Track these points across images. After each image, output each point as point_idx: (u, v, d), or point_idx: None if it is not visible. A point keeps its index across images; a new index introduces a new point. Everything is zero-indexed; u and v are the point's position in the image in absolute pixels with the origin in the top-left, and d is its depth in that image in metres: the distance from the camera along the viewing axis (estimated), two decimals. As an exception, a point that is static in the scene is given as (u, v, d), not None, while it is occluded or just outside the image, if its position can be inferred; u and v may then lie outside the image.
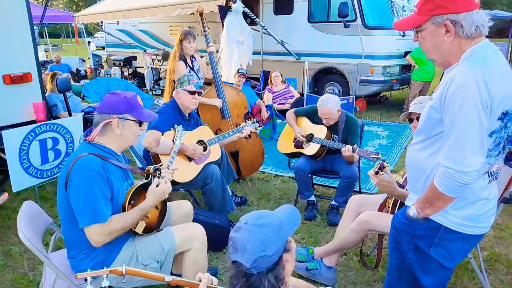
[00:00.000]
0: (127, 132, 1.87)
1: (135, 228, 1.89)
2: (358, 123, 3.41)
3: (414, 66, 7.40)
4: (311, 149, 3.38)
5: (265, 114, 5.66)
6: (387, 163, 1.99)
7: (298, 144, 3.51)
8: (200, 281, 1.32)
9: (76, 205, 1.72)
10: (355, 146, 3.01)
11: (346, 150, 3.02)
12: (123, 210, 1.86)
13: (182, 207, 2.37)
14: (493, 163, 1.47)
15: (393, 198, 2.29)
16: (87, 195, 1.70)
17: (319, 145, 3.31)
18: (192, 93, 3.00)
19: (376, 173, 1.96)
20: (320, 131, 3.38)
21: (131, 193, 1.88)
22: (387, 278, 1.77)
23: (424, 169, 1.52)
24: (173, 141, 2.23)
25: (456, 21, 1.36)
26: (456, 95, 1.33)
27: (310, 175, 3.46)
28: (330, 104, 3.22)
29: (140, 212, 1.85)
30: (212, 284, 1.32)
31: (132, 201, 1.88)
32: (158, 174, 2.05)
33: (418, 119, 2.22)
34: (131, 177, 2.05)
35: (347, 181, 3.26)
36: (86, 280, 1.34)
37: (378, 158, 2.83)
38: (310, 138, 3.43)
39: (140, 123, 1.91)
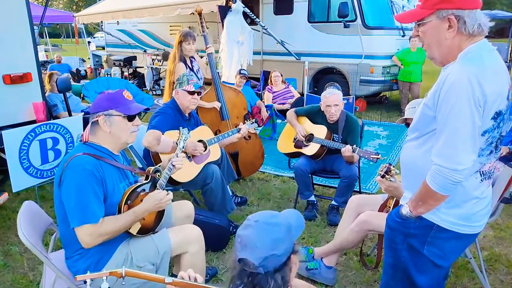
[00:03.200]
0: (116, 128, 1.84)
1: (129, 228, 1.87)
2: (358, 122, 3.41)
3: (400, 67, 7.46)
4: (311, 149, 3.38)
5: (264, 113, 5.66)
6: (393, 166, 1.98)
7: (298, 144, 3.51)
8: (196, 281, 1.32)
9: (68, 204, 1.71)
10: (354, 146, 3.01)
11: (346, 150, 3.02)
12: (119, 210, 1.84)
13: (184, 208, 2.34)
14: (485, 162, 1.47)
15: (395, 199, 2.29)
16: (79, 195, 1.69)
17: (319, 145, 3.31)
18: (192, 93, 3.00)
19: (382, 176, 1.96)
20: (320, 131, 3.38)
21: (128, 193, 1.86)
22: (383, 278, 1.78)
23: (418, 166, 1.52)
24: (176, 143, 2.24)
25: (460, 17, 1.37)
26: (450, 94, 1.33)
27: (310, 175, 3.46)
28: (336, 92, 3.30)
29: (133, 216, 1.83)
30: (196, 282, 1.33)
31: (129, 201, 1.86)
32: (158, 175, 2.03)
33: None
34: (131, 177, 2.03)
35: (347, 181, 3.26)
36: (85, 282, 1.33)
37: (378, 158, 2.84)
38: (310, 138, 3.43)
39: (129, 118, 1.86)
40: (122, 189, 1.90)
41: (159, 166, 2.14)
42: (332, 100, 3.27)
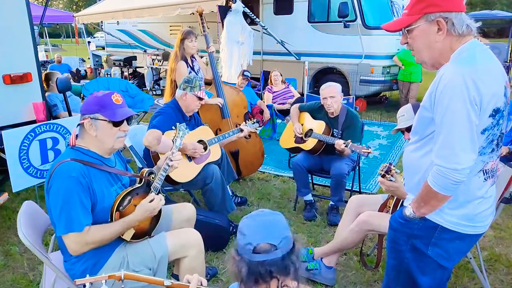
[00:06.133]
0: (101, 133, 1.78)
1: (122, 235, 1.83)
2: (359, 117, 3.46)
3: (401, 67, 7.48)
4: (308, 144, 3.43)
5: (267, 115, 5.64)
6: (394, 166, 1.98)
7: (298, 140, 3.55)
8: (202, 284, 1.32)
9: (54, 212, 1.69)
10: (349, 141, 3.05)
11: (337, 144, 3.08)
12: (111, 217, 1.80)
13: (185, 211, 2.29)
14: (488, 161, 1.47)
15: (395, 199, 2.30)
16: (64, 202, 1.66)
17: (316, 140, 3.35)
18: (200, 98, 3.02)
19: (383, 176, 1.96)
20: (319, 126, 3.42)
21: (119, 199, 1.81)
22: (385, 279, 1.77)
23: (419, 168, 1.52)
24: (173, 141, 2.18)
25: (448, 19, 1.38)
26: (444, 94, 1.34)
27: (307, 172, 3.48)
28: (333, 84, 3.38)
29: (123, 225, 1.78)
30: (201, 285, 1.33)
31: (121, 207, 1.82)
32: (153, 177, 1.97)
33: (407, 130, 2.25)
34: (124, 179, 1.98)
35: (335, 179, 3.28)
36: (84, 286, 1.33)
37: (369, 153, 2.92)
38: (308, 133, 3.46)
39: (115, 124, 1.79)
40: (114, 192, 1.85)
41: (155, 167, 2.11)
42: (327, 92, 3.33)
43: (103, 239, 1.75)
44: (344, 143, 3.03)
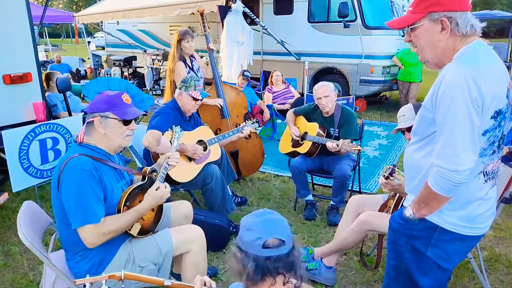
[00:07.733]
0: (110, 131, 1.83)
1: (130, 230, 1.86)
2: (354, 114, 3.48)
3: (400, 67, 7.48)
4: (304, 147, 3.44)
5: (267, 115, 5.65)
6: (397, 168, 1.97)
7: (295, 143, 3.55)
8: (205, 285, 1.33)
9: (68, 206, 1.71)
10: (340, 141, 3.08)
11: (330, 145, 3.11)
12: (118, 211, 1.83)
13: (182, 208, 2.34)
14: (488, 163, 1.46)
15: (395, 200, 2.29)
16: (79, 195, 1.68)
17: (311, 143, 3.36)
18: (196, 99, 3.01)
19: (387, 178, 1.94)
20: (313, 129, 3.43)
21: (126, 194, 1.86)
22: (385, 279, 1.77)
23: (420, 169, 1.52)
24: (170, 142, 2.23)
25: (452, 18, 1.37)
26: (446, 94, 1.33)
27: (306, 173, 3.48)
28: (325, 84, 3.39)
29: (135, 214, 1.83)
30: (205, 285, 1.33)
31: (128, 203, 1.86)
32: (155, 175, 2.02)
33: (408, 130, 2.25)
34: (127, 177, 2.03)
35: (338, 181, 3.28)
36: (85, 286, 1.33)
37: (359, 150, 2.96)
38: (304, 136, 3.47)
39: (125, 123, 1.85)
40: (120, 189, 1.89)
41: (156, 164, 2.14)
42: (321, 91, 3.34)
43: (118, 229, 1.79)
44: (336, 143, 3.05)
